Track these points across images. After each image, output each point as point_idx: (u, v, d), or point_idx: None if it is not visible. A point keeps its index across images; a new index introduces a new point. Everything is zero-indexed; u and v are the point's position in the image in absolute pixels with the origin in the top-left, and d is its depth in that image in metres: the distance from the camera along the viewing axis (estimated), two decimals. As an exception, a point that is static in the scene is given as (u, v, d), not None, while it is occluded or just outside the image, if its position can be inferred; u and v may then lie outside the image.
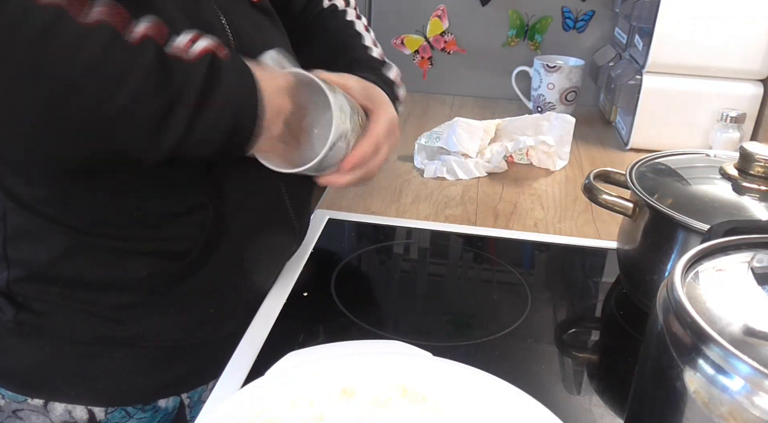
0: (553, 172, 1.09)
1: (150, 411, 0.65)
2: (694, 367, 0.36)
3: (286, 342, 0.63)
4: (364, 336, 0.65)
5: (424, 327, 0.69)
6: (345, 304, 0.71)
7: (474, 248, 0.85)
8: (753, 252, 0.44)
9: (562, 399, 0.59)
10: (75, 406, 0.62)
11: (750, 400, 0.34)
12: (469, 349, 0.64)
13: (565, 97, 1.31)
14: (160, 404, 0.66)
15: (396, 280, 0.80)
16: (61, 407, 0.62)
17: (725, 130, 1.10)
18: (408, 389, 0.51)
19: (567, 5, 1.39)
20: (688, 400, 0.37)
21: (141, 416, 0.64)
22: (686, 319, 0.37)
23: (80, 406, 0.62)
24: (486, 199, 0.98)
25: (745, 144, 0.64)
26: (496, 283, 0.79)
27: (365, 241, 0.86)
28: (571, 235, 0.88)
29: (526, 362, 0.63)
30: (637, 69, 1.17)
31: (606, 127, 1.35)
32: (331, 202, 0.94)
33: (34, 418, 0.62)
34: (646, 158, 0.74)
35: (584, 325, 0.73)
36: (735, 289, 0.42)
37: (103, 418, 0.63)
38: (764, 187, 0.63)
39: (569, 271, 0.82)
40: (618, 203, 0.70)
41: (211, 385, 0.69)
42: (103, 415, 0.63)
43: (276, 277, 0.73)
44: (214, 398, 0.56)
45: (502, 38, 1.44)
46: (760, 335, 0.37)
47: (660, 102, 1.16)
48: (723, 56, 1.11)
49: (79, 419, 0.62)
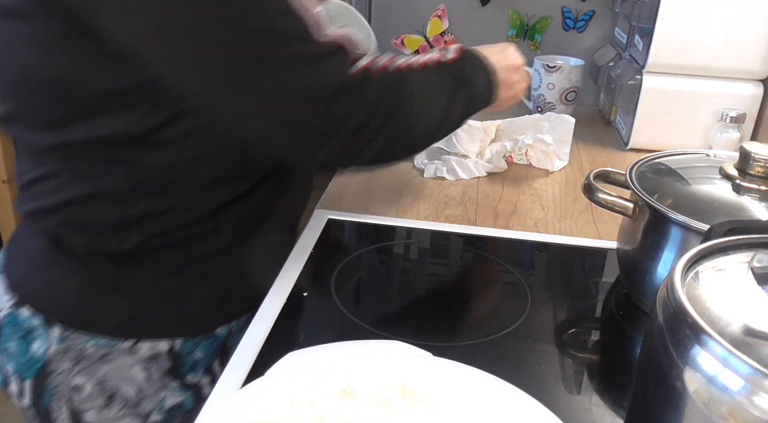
0: (553, 172, 1.09)
1: (211, 338, 0.75)
2: (694, 367, 0.36)
3: (286, 342, 0.63)
4: (364, 336, 0.65)
5: (424, 327, 0.69)
6: (345, 304, 0.71)
7: (474, 248, 0.85)
8: (753, 252, 0.44)
9: (562, 399, 0.59)
10: (158, 342, 0.71)
11: (750, 400, 0.34)
12: (469, 349, 0.64)
13: (565, 97, 1.31)
14: (217, 332, 0.76)
15: (396, 280, 0.80)
16: (147, 345, 0.70)
17: (725, 130, 1.10)
18: (408, 389, 0.51)
19: (567, 5, 1.39)
20: (688, 400, 0.37)
21: (204, 343, 0.74)
22: (686, 319, 0.37)
23: (163, 341, 0.71)
24: (486, 199, 0.98)
25: (745, 144, 0.64)
26: (496, 283, 0.79)
27: (365, 241, 0.86)
28: (571, 235, 0.88)
29: (526, 362, 0.63)
30: (637, 69, 1.17)
31: (606, 127, 1.35)
32: (331, 202, 0.94)
33: (122, 358, 0.70)
34: (646, 158, 0.74)
35: (584, 325, 0.73)
36: (735, 289, 0.42)
37: (179, 348, 0.72)
38: (764, 187, 0.63)
39: (569, 271, 0.82)
40: (618, 203, 0.70)
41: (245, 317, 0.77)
42: (179, 346, 0.72)
43: None
44: (214, 398, 0.56)
45: (502, 38, 1.44)
46: (760, 335, 0.37)
47: (660, 102, 1.16)
48: (723, 56, 1.11)
49: (161, 352, 0.71)
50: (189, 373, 0.74)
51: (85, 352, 0.69)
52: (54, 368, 0.70)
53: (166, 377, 0.72)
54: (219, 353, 0.77)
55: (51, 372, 0.70)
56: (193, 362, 0.74)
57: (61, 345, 0.69)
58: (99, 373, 0.70)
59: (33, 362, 0.70)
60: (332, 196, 0.96)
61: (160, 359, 0.71)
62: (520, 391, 0.50)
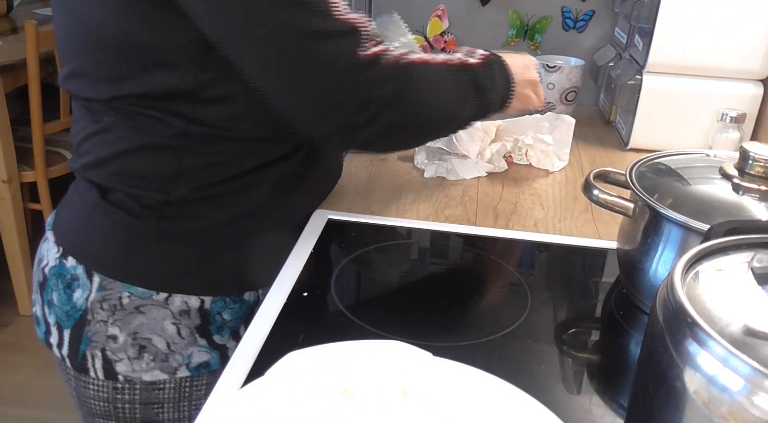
0: (553, 172, 1.09)
1: (239, 302, 0.79)
2: (694, 367, 0.36)
3: (286, 342, 0.63)
4: (364, 336, 0.65)
5: (424, 327, 0.69)
6: (345, 304, 0.71)
7: (474, 248, 0.85)
8: (753, 252, 0.44)
9: (562, 399, 0.59)
10: (190, 297, 0.75)
11: (750, 400, 0.34)
12: (469, 349, 0.64)
13: (565, 97, 1.31)
14: (245, 297, 0.80)
15: (396, 280, 0.80)
16: (179, 299, 0.75)
17: (725, 130, 1.10)
18: (408, 389, 0.51)
19: (567, 5, 1.39)
20: (688, 400, 0.37)
21: (233, 306, 0.79)
22: (686, 319, 0.37)
23: (194, 297, 0.76)
24: (486, 199, 0.98)
25: (745, 144, 0.64)
26: (496, 283, 0.79)
27: (365, 241, 0.86)
28: (571, 235, 0.88)
29: (526, 362, 0.63)
30: (637, 69, 1.17)
31: (606, 127, 1.35)
32: (331, 202, 0.94)
33: (155, 311, 0.74)
34: (646, 158, 0.74)
35: (584, 325, 0.73)
36: (735, 289, 0.42)
37: (209, 306, 0.77)
38: (764, 187, 0.63)
39: (569, 271, 0.82)
40: (618, 203, 0.70)
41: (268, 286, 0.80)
42: (209, 304, 0.77)
43: None
44: (214, 398, 0.56)
45: (502, 38, 1.44)
46: (760, 335, 0.37)
47: (660, 102, 1.15)
48: (723, 56, 1.11)
49: (192, 307, 0.76)
50: (217, 334, 0.78)
51: (122, 302, 0.74)
52: (92, 317, 0.74)
53: (195, 334, 0.76)
54: (245, 319, 0.80)
55: (89, 321, 0.74)
56: (221, 323, 0.78)
57: (100, 294, 0.74)
58: (133, 323, 0.74)
59: (74, 311, 0.75)
60: (332, 196, 0.96)
61: (191, 315, 0.76)
62: (520, 391, 0.50)
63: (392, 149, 0.78)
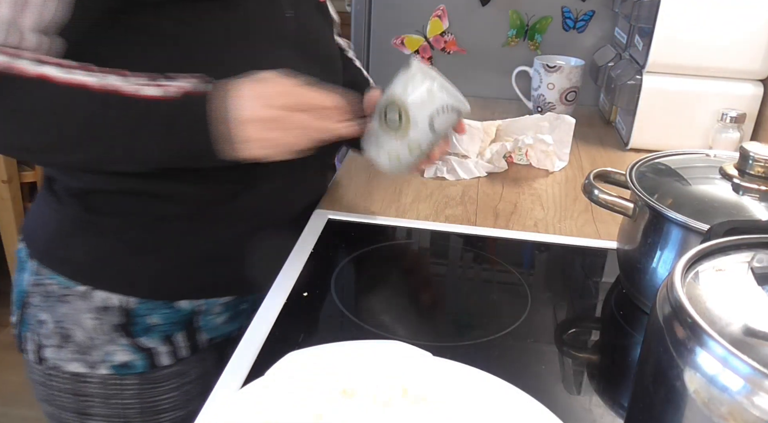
0: (553, 172, 1.09)
1: (170, 309, 0.76)
2: (694, 367, 0.36)
3: (286, 342, 0.63)
4: (364, 336, 0.65)
5: (424, 327, 0.69)
6: (345, 304, 0.71)
7: (474, 248, 0.85)
8: (753, 252, 0.44)
9: (562, 399, 0.59)
10: (112, 295, 0.73)
11: (750, 400, 0.34)
12: (469, 349, 0.64)
13: (565, 97, 1.31)
14: (180, 304, 0.76)
15: (396, 280, 0.80)
16: (100, 295, 0.73)
17: (725, 130, 1.10)
18: (408, 389, 0.51)
19: (567, 5, 1.39)
20: (688, 400, 0.37)
21: (162, 311, 0.75)
22: (686, 319, 0.37)
23: (116, 295, 0.73)
24: (486, 199, 0.98)
25: (745, 144, 0.64)
26: (496, 283, 0.79)
27: (365, 241, 0.86)
28: (571, 235, 0.88)
29: (526, 362, 0.63)
30: (637, 69, 1.17)
31: (606, 127, 1.35)
32: (331, 202, 0.94)
33: (77, 302, 0.73)
34: (646, 158, 0.74)
35: (584, 325, 0.73)
36: (735, 289, 0.42)
37: (134, 306, 0.74)
38: (764, 187, 0.63)
39: (569, 271, 0.82)
40: (618, 203, 0.70)
41: (223, 299, 0.80)
42: (134, 304, 0.74)
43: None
44: (213, 398, 0.56)
45: (502, 38, 1.44)
46: (760, 335, 0.37)
47: (660, 102, 1.15)
48: (723, 56, 1.11)
49: (113, 305, 0.73)
50: (143, 336, 0.75)
51: (50, 289, 0.74)
52: (29, 300, 0.75)
53: (116, 332, 0.74)
54: (185, 327, 0.78)
55: (28, 303, 0.76)
56: (147, 325, 0.75)
57: (35, 278, 0.75)
58: (58, 312, 0.74)
59: (20, 292, 0.77)
60: (332, 196, 0.96)
61: (111, 312, 0.74)
62: (520, 391, 0.50)
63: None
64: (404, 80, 0.71)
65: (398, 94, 0.70)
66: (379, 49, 1.49)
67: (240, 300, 0.82)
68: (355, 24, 1.48)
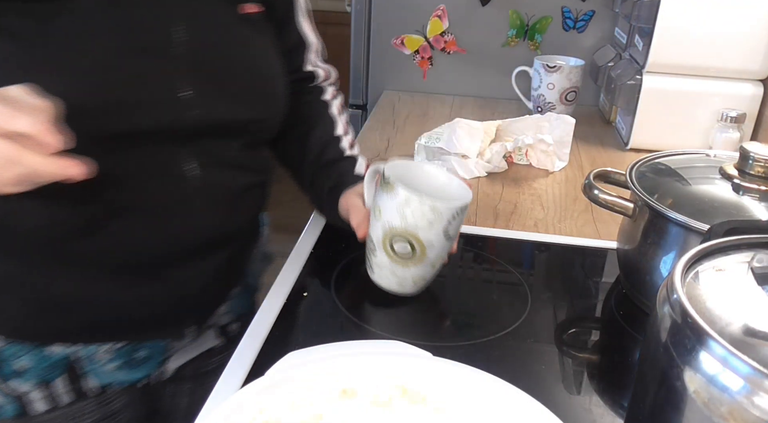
0: (553, 172, 1.09)
1: (42, 352, 0.71)
2: (694, 367, 0.36)
3: (286, 342, 0.63)
4: (364, 336, 0.65)
5: (424, 327, 0.69)
6: (345, 304, 0.71)
7: (474, 248, 0.85)
8: (753, 252, 0.44)
9: (562, 399, 0.59)
10: None
11: (750, 400, 0.34)
12: (469, 349, 0.64)
13: (565, 97, 1.31)
14: (53, 349, 0.71)
15: (396, 280, 0.80)
16: None
17: (725, 130, 1.10)
18: (408, 389, 0.51)
19: (567, 5, 1.39)
20: (688, 400, 0.37)
21: (35, 354, 0.70)
22: (686, 319, 0.37)
23: None
24: (486, 199, 0.98)
25: (745, 144, 0.64)
26: (496, 283, 0.79)
27: (365, 241, 0.86)
28: (571, 235, 0.88)
29: (526, 362, 0.63)
30: (637, 69, 1.17)
31: (606, 127, 1.35)
32: (331, 202, 0.93)
33: None
34: (646, 158, 0.74)
35: (584, 325, 0.73)
36: (735, 289, 0.42)
37: (1, 346, 0.70)
38: (764, 187, 0.63)
39: (569, 271, 0.82)
40: (618, 203, 0.70)
41: (107, 346, 0.73)
42: (2, 344, 0.70)
43: None
44: (213, 398, 0.56)
45: (502, 38, 1.44)
46: (760, 335, 0.37)
47: (660, 102, 1.16)
48: (723, 56, 1.11)
49: None
50: (12, 379, 0.71)
51: None
52: None
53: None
54: (67, 372, 0.72)
55: None
56: (17, 369, 0.70)
57: None
58: None
59: None
60: (332, 196, 0.96)
61: None
62: (520, 391, 0.50)
63: None
64: (395, 207, 0.64)
65: (398, 225, 0.65)
66: (379, 49, 1.49)
67: (135, 347, 0.74)
68: (355, 24, 1.48)
